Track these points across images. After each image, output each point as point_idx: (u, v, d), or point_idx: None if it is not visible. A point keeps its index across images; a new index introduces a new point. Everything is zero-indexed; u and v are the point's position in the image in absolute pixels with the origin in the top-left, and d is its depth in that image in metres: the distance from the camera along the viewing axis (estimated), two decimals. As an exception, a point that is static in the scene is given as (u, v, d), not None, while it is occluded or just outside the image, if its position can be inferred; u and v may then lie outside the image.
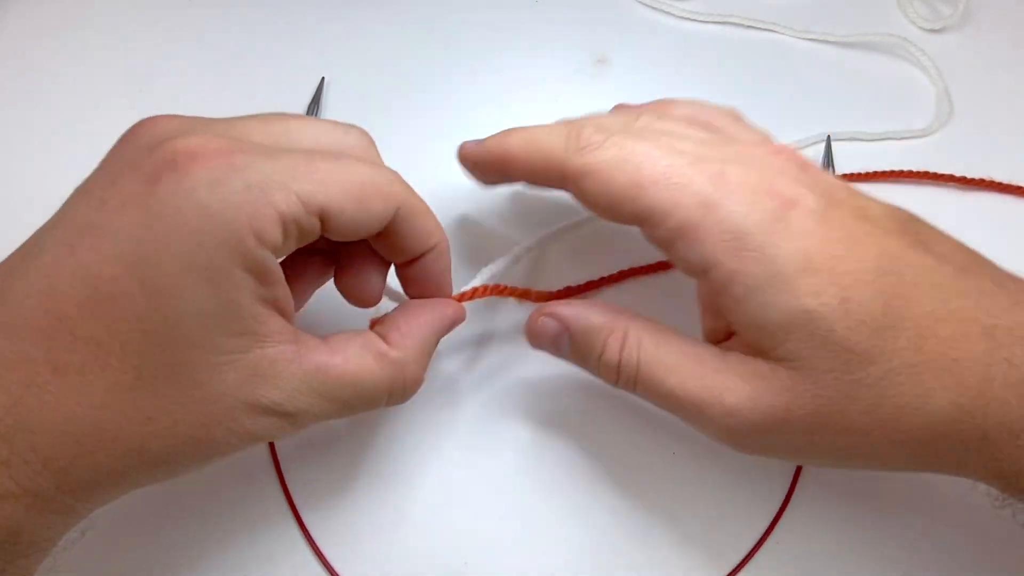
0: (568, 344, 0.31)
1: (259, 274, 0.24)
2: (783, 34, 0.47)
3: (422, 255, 0.29)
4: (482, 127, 0.33)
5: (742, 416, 0.27)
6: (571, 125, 0.30)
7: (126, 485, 0.25)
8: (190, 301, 0.23)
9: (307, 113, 0.43)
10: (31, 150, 0.43)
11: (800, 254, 0.26)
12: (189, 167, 0.23)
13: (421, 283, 0.30)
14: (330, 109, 0.44)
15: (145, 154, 0.24)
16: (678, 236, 0.27)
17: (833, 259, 0.26)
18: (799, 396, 0.26)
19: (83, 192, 0.25)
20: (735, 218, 0.26)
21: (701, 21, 0.47)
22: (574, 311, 0.30)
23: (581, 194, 0.29)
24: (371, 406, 0.28)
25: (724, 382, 0.27)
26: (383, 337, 0.28)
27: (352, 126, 0.29)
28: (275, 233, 0.23)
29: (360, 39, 0.47)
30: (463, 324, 0.32)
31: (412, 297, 0.31)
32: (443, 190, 0.38)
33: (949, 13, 0.47)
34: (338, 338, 0.27)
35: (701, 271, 0.27)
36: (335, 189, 0.25)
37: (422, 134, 0.42)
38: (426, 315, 0.30)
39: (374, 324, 0.30)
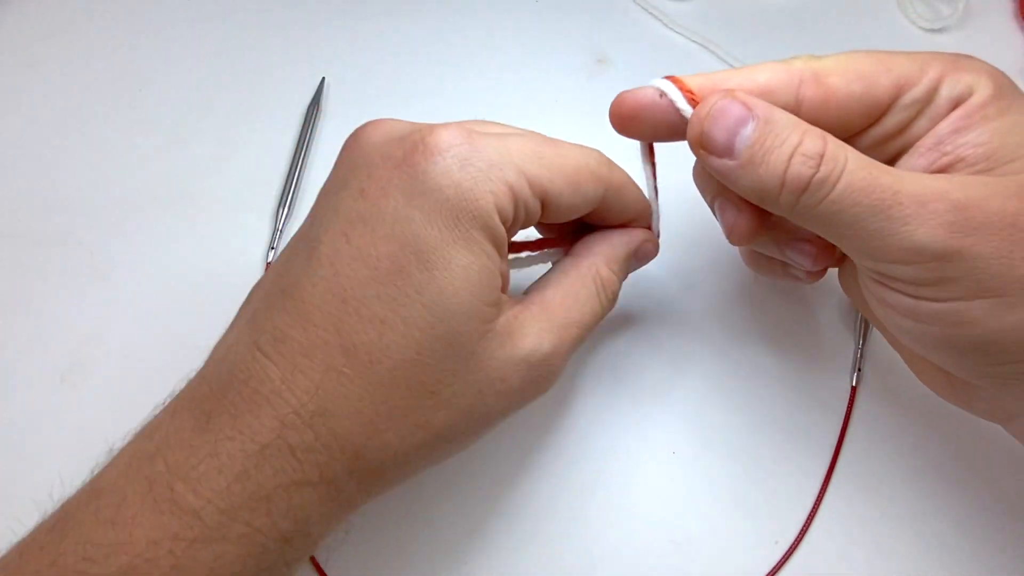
0: (749, 135, 0.26)
1: (498, 246, 0.26)
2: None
3: (625, 223, 0.31)
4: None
5: (970, 212, 0.24)
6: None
7: (407, 469, 0.26)
8: (459, 269, 0.24)
9: (307, 113, 0.43)
10: (31, 149, 0.43)
11: None
12: (441, 150, 0.24)
13: None
14: (330, 109, 0.44)
15: (396, 145, 0.25)
16: (941, 80, 0.27)
17: None
18: None
19: (336, 189, 0.26)
20: (983, 65, 0.27)
21: (689, 38, 0.47)
22: (767, 105, 0.27)
23: (826, 92, 0.27)
24: (595, 320, 0.30)
25: (950, 181, 0.25)
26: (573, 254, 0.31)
27: None
28: (510, 209, 0.25)
29: (360, 39, 0.47)
30: None
31: None
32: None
33: (949, 13, 0.47)
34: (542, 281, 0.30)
35: (963, 98, 0.27)
36: (556, 173, 0.26)
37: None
38: (615, 234, 0.31)
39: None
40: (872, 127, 0.28)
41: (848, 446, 0.36)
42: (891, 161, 0.28)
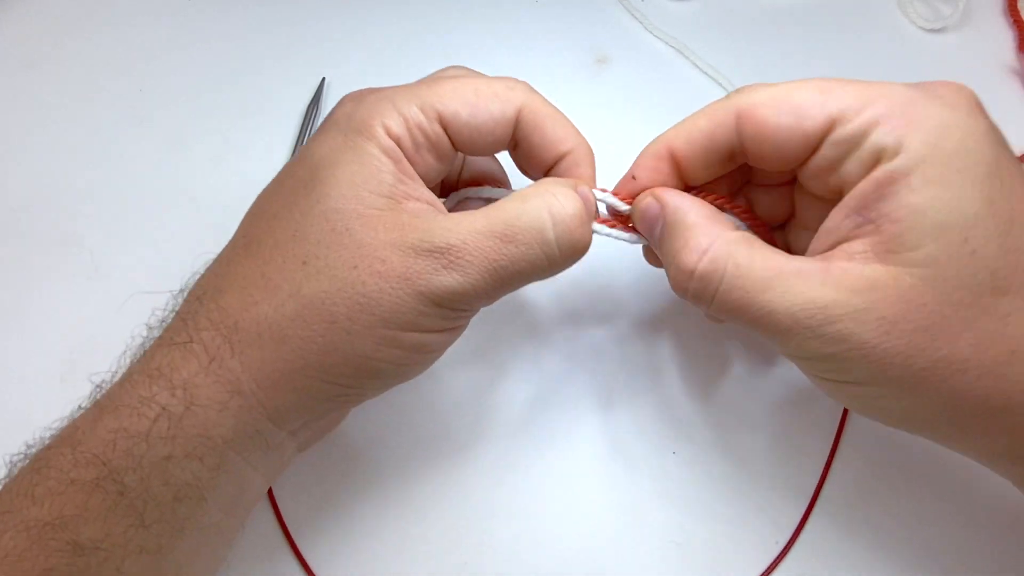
0: (659, 232, 0.29)
1: (393, 158, 0.28)
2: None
3: (555, 164, 0.30)
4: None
5: (842, 325, 0.25)
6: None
7: (286, 350, 0.26)
8: (342, 166, 0.27)
9: (306, 113, 0.44)
10: (32, 149, 0.43)
11: (992, 161, 0.25)
12: (346, 100, 0.30)
13: None
14: (330, 109, 0.44)
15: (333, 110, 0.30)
16: (876, 123, 0.25)
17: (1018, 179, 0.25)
18: (914, 310, 0.24)
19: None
20: (940, 113, 0.25)
21: (673, 45, 0.47)
22: (676, 201, 0.29)
23: (757, 125, 0.27)
24: (539, 240, 0.27)
25: (830, 295, 0.25)
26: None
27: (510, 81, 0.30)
28: (400, 128, 0.28)
29: (360, 39, 0.47)
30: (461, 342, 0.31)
31: None
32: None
33: (949, 13, 0.47)
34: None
35: (884, 154, 0.25)
36: (448, 95, 0.28)
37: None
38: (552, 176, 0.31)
39: None
40: (811, 158, 0.27)
41: (843, 449, 0.36)
42: (836, 197, 0.27)
